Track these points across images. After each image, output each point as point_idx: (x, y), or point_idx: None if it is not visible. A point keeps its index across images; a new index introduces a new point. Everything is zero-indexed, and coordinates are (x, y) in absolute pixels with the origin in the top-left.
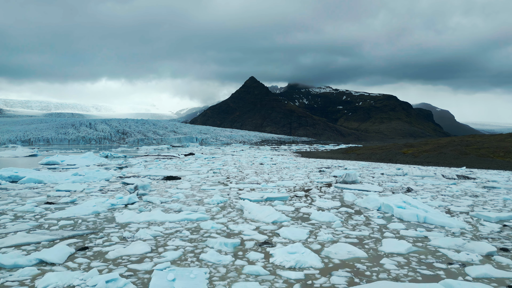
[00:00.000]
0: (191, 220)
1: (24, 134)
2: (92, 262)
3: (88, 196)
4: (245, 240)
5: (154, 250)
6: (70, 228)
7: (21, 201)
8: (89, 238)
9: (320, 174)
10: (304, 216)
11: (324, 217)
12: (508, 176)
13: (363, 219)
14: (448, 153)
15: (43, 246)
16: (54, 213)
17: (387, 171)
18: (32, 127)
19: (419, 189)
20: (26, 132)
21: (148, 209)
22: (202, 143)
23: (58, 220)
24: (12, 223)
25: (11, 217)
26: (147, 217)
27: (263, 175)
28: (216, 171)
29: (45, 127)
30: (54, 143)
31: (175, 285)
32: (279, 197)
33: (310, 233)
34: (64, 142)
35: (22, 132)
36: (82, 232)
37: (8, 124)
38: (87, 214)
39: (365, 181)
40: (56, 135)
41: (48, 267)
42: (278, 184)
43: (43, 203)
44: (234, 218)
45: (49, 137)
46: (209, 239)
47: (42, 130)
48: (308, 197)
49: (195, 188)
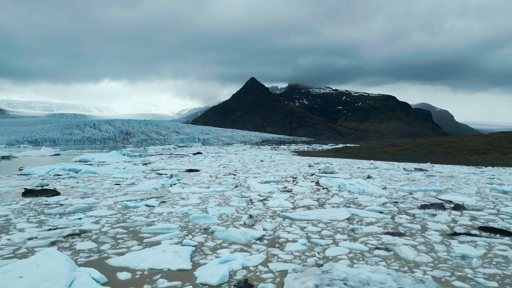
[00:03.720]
0: (218, 191)
1: (31, 134)
2: (173, 207)
3: (141, 180)
4: (252, 198)
5: (202, 203)
6: (147, 194)
7: (99, 183)
8: (162, 198)
9: (309, 168)
10: (288, 190)
11: (300, 190)
12: (455, 169)
13: (325, 191)
14: (420, 151)
15: (141, 200)
16: (129, 188)
17: (363, 166)
18: (37, 127)
19: (377, 176)
20: (33, 132)
21: (188, 186)
22: (204, 143)
23: (136, 191)
24: (109, 193)
25: (105, 189)
26: (189, 190)
27: (263, 169)
28: (225, 166)
29: (50, 127)
30: (60, 143)
31: (220, 211)
32: (274, 181)
33: (289, 197)
34: (69, 142)
35: (29, 133)
36: (156, 196)
37: (13, 125)
38: (150, 189)
39: (342, 172)
40: (61, 136)
41: (151, 208)
42: (274, 174)
43: (114, 184)
44: (244, 191)
45: (55, 138)
46: (231, 198)
47: (47, 130)
48: (294, 181)
49: (213, 176)
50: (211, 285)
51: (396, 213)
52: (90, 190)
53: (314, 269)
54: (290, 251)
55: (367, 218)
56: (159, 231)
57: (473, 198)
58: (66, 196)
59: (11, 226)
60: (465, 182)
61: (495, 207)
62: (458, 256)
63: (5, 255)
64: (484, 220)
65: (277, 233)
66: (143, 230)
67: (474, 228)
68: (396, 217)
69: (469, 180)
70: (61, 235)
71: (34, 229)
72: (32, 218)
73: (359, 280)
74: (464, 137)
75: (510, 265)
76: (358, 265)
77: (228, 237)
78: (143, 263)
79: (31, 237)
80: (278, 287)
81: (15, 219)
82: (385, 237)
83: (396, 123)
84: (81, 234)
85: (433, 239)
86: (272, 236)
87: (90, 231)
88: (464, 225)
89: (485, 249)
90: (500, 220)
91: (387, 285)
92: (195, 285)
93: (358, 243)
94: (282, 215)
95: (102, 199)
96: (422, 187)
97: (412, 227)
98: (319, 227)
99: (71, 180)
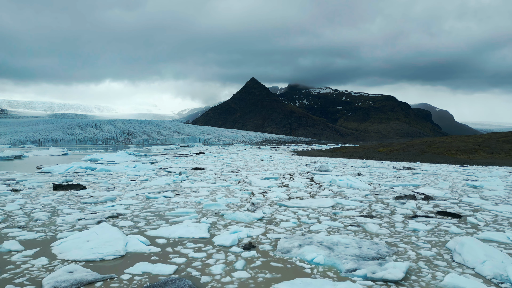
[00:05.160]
0: (223, 186)
1: (33, 134)
2: (187, 198)
3: (153, 177)
4: (253, 191)
5: (211, 194)
6: (162, 188)
7: (116, 179)
8: (176, 191)
9: (306, 166)
10: (285, 184)
11: (296, 185)
12: (440, 167)
13: (317, 186)
14: (412, 151)
15: (158, 192)
16: (145, 184)
17: (356, 165)
18: (39, 127)
19: (366, 174)
20: (35, 132)
21: (196, 182)
22: (205, 143)
23: (152, 186)
24: (129, 187)
25: (124, 184)
26: (198, 185)
27: (263, 167)
28: (228, 165)
29: (52, 128)
30: (62, 143)
31: (227, 201)
32: (273, 177)
33: (286, 190)
34: (72, 142)
35: (31, 133)
36: (171, 189)
37: (15, 125)
38: (163, 184)
39: (335, 170)
40: (64, 136)
41: (168, 198)
42: (273, 172)
43: (130, 180)
44: (246, 185)
45: (57, 138)
46: (235, 191)
47: (50, 131)
48: (291, 177)
49: (217, 174)
50: (225, 246)
51: (373, 202)
52: (111, 185)
53: (300, 236)
54: (283, 227)
55: (348, 205)
56: (179, 214)
57: (444, 191)
58: (92, 189)
59: (59, 211)
60: (444, 178)
61: (459, 198)
62: (410, 230)
63: (65, 230)
64: (444, 207)
65: (274, 216)
66: (167, 214)
67: (433, 212)
68: (373, 205)
69: (449, 177)
70: (103, 217)
71: (79, 213)
72: (73, 205)
73: (331, 242)
74: (456, 137)
75: (447, 235)
76: (333, 235)
77: (235, 218)
78: (173, 233)
79: (80, 218)
80: (273, 247)
81: (59, 207)
82: (359, 219)
83: (396, 123)
84: (118, 217)
85: (396, 220)
86: (270, 218)
87: (125, 214)
88: (426, 211)
89: (433, 226)
90: (458, 207)
91: (350, 245)
92: (214, 246)
93: (337, 222)
94: (279, 204)
95: (124, 192)
96: (404, 182)
97: (383, 212)
98: (308, 212)
99: (89, 177)
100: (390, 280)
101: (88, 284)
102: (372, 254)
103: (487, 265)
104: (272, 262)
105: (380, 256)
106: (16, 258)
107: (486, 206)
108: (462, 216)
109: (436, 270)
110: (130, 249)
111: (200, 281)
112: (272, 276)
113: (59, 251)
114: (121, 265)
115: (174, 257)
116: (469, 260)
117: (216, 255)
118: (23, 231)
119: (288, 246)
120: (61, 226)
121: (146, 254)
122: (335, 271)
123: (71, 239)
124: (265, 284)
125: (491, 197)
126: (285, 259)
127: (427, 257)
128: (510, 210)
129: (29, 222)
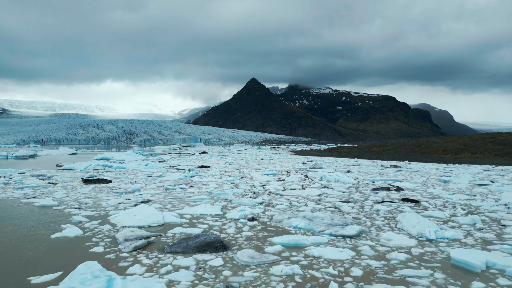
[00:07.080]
0: (229, 180)
1: (36, 134)
2: (199, 189)
3: (166, 173)
4: (254, 184)
5: (219, 187)
6: (177, 182)
7: (134, 175)
8: (189, 184)
9: (302, 165)
10: (281, 179)
11: (291, 179)
12: (425, 166)
13: (309, 180)
14: (402, 151)
15: (174, 185)
16: (160, 179)
17: (348, 163)
18: (42, 127)
19: (355, 171)
20: (38, 132)
21: (205, 177)
22: (206, 143)
23: (167, 180)
24: (148, 181)
25: (142, 179)
26: (207, 179)
27: (263, 165)
28: (230, 163)
29: (55, 127)
30: (65, 143)
31: (233, 191)
32: (271, 174)
33: (282, 183)
34: (74, 142)
35: (34, 133)
36: (184, 183)
37: (18, 124)
38: (177, 179)
39: (328, 168)
40: (66, 136)
41: (184, 189)
42: (272, 169)
43: (146, 176)
44: (248, 180)
45: (60, 138)
46: (239, 184)
47: (52, 130)
48: (287, 174)
49: (222, 171)
50: (235, 219)
51: (353, 193)
52: (132, 180)
53: (290, 213)
54: (278, 208)
55: (332, 194)
56: (196, 200)
57: (415, 184)
58: (118, 183)
59: (100, 198)
60: (422, 175)
61: (425, 190)
62: (374, 210)
63: (112, 210)
64: (409, 196)
65: (271, 201)
66: (186, 199)
67: (398, 199)
68: (352, 194)
69: (427, 174)
70: (137, 202)
71: (116, 199)
72: (108, 194)
73: (312, 216)
74: (447, 138)
75: (399, 213)
76: (315, 213)
77: (241, 202)
78: (195, 212)
79: (120, 202)
80: (270, 220)
81: (98, 195)
82: (337, 203)
83: (395, 124)
84: (149, 201)
85: (366, 204)
86: (268, 202)
87: (153, 200)
88: (393, 198)
89: (392, 207)
90: (420, 196)
91: (325, 218)
92: (227, 219)
93: (319, 205)
94: (275, 193)
95: (145, 184)
96: (386, 178)
97: (358, 199)
98: (298, 198)
99: (109, 173)
100: (346, 235)
101: (146, 238)
102: (340, 223)
103: (416, 228)
104: (268, 227)
105: (345, 225)
106: (88, 225)
107: (443, 195)
108: (419, 201)
109: (381, 231)
110: (167, 220)
111: (220, 236)
112: (268, 234)
113: (116, 221)
114: (164, 229)
115: (199, 225)
116: (405, 226)
117: (229, 223)
118: (80, 211)
119: (280, 218)
120: (108, 208)
121: (179, 223)
122: (311, 232)
123: (122, 214)
124: (263, 238)
125: (452, 189)
126: (278, 226)
127: (378, 225)
128: (461, 198)
129: (81, 205)
